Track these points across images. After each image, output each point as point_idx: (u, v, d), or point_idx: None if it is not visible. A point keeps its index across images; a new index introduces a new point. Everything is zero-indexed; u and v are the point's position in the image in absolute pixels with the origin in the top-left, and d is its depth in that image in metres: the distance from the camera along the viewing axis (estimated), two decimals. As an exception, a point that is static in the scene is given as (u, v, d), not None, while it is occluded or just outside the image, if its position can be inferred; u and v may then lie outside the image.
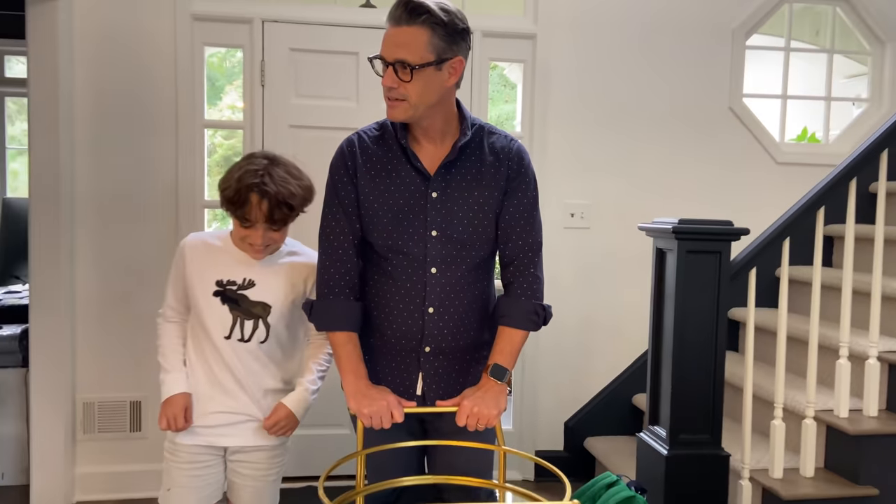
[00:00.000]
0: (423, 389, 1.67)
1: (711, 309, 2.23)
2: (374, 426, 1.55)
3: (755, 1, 3.28)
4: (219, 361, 1.78)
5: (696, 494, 2.21)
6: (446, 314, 1.64)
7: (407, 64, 1.49)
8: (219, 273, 1.77)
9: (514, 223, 1.65)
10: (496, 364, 1.60)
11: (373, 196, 1.62)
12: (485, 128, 1.68)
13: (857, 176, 2.34)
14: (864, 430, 2.30)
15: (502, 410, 1.59)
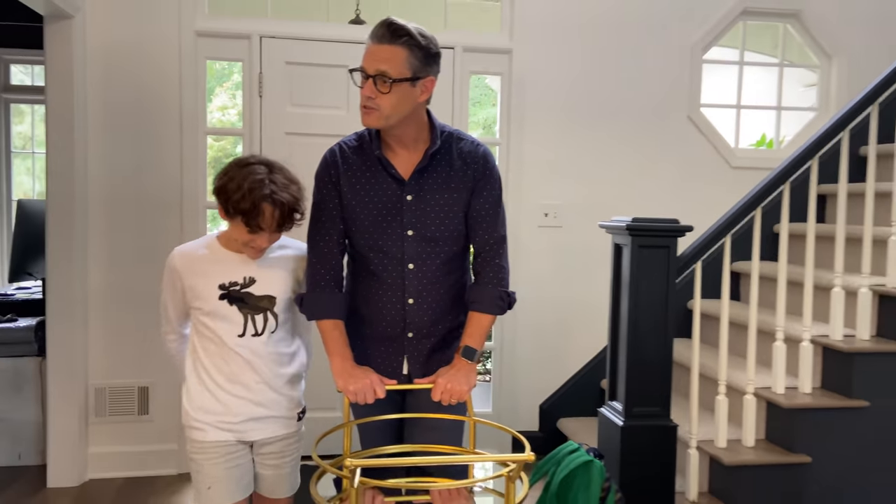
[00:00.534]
0: (408, 370, 1.85)
1: (661, 297, 2.52)
2: (358, 401, 1.75)
3: (711, 19, 3.59)
4: (236, 360, 1.80)
5: (648, 460, 2.50)
6: (425, 304, 1.82)
7: (387, 77, 1.64)
8: (218, 278, 1.79)
9: (480, 219, 1.81)
10: (467, 346, 1.79)
11: (354, 201, 1.79)
12: (454, 134, 1.84)
13: (790, 180, 2.63)
14: (799, 405, 2.60)
15: (472, 386, 1.77)
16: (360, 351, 1.86)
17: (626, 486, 2.49)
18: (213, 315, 1.79)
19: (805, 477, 2.59)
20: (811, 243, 2.68)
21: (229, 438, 1.82)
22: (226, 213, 1.73)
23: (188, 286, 1.80)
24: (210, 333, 1.80)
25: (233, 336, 1.79)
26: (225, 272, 1.79)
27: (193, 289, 1.79)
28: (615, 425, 2.54)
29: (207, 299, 1.78)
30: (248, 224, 1.71)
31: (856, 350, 2.61)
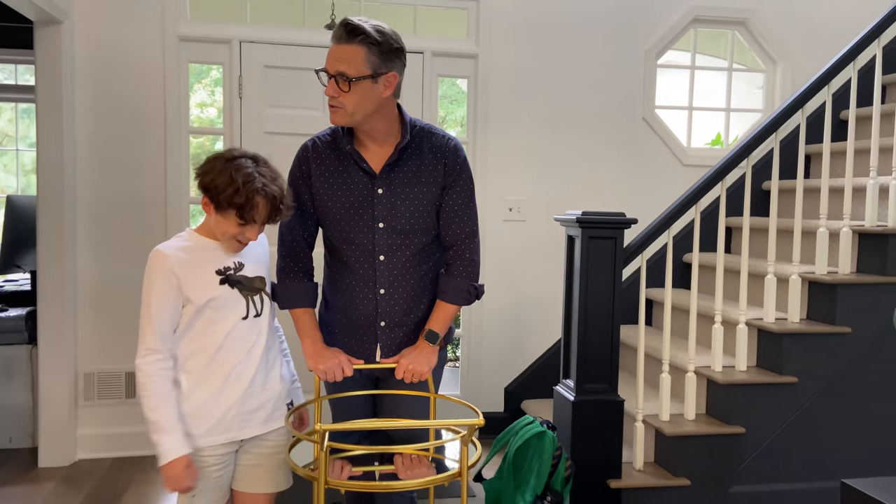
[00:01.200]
0: (380, 357, 1.92)
1: (609, 283, 2.77)
2: (328, 379, 1.85)
3: (664, 26, 3.84)
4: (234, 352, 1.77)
5: (597, 432, 2.75)
6: (396, 294, 1.88)
7: (346, 76, 1.69)
8: (213, 265, 1.77)
9: (452, 213, 1.86)
10: (430, 329, 1.88)
11: (327, 195, 1.84)
12: (425, 129, 1.87)
13: (724, 179, 2.90)
14: (734, 381, 2.86)
15: (432, 366, 1.88)
16: (335, 338, 1.95)
17: (577, 456, 2.74)
18: (212, 305, 1.74)
19: (739, 445, 2.86)
20: (746, 237, 2.94)
21: (222, 441, 1.77)
22: (217, 207, 1.71)
23: (185, 281, 1.73)
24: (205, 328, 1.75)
25: (236, 320, 1.77)
26: (217, 259, 1.78)
27: (192, 282, 1.74)
28: (567, 400, 2.78)
29: (207, 288, 1.74)
30: (243, 217, 1.70)
31: (786, 331, 2.87)
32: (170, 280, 1.72)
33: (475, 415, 1.61)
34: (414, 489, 1.69)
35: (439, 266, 1.96)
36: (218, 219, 1.74)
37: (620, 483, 2.77)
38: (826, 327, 2.88)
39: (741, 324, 2.95)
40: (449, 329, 1.97)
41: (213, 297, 1.75)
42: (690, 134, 4.00)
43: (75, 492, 3.06)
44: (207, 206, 1.74)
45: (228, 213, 1.71)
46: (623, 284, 3.65)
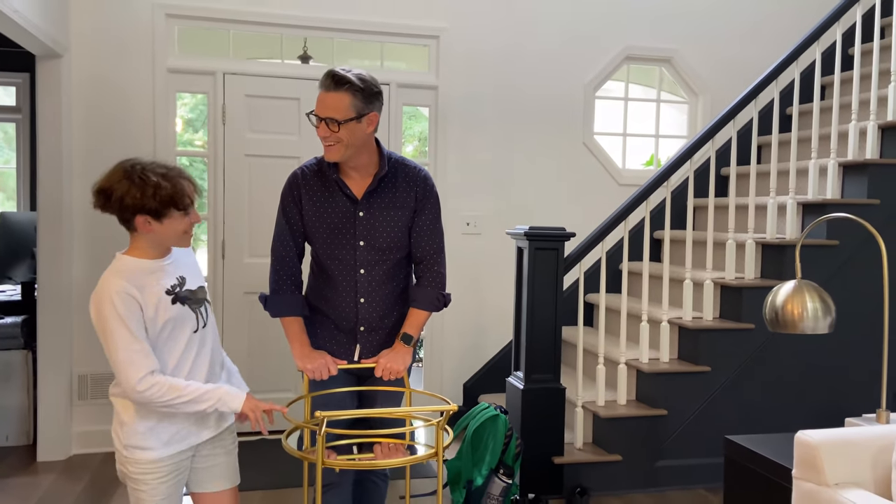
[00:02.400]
0: (359, 356, 2.17)
1: (552, 288, 3.24)
2: (315, 378, 2.09)
3: (602, 62, 4.37)
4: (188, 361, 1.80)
5: (543, 415, 3.21)
6: (374, 302, 2.13)
7: (335, 120, 1.95)
8: (161, 286, 1.76)
9: (422, 232, 2.13)
10: (405, 332, 2.15)
11: (315, 216, 2.09)
12: (399, 161, 2.13)
13: (648, 198, 3.41)
14: (659, 370, 3.36)
15: (407, 365, 2.13)
16: (319, 340, 2.18)
17: (526, 436, 3.19)
18: (168, 326, 1.76)
19: (663, 425, 3.35)
20: (667, 248, 3.46)
21: (181, 448, 1.80)
22: (156, 216, 1.71)
23: (144, 305, 1.72)
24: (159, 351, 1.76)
25: (189, 333, 1.80)
26: (160, 283, 1.77)
27: (148, 306, 1.73)
28: (517, 389, 3.24)
29: (163, 309, 1.74)
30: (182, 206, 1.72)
31: (701, 328, 3.39)
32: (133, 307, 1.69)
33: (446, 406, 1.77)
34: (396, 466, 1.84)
35: (409, 279, 2.23)
36: (162, 226, 1.73)
37: (563, 459, 3.23)
38: (734, 324, 3.41)
39: (664, 322, 3.46)
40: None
41: (170, 318, 1.75)
42: (625, 157, 4.53)
43: (74, 482, 3.37)
44: (146, 224, 1.72)
45: (169, 211, 1.71)
46: (566, 291, 4.15)
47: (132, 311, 1.69)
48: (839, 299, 3.47)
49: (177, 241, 1.80)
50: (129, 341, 1.68)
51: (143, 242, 1.77)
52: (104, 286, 1.70)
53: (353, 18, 4.01)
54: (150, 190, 1.68)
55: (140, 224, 1.72)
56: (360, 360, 2.15)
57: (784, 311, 2.08)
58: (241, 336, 3.95)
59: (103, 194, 1.70)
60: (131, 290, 1.69)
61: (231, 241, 3.94)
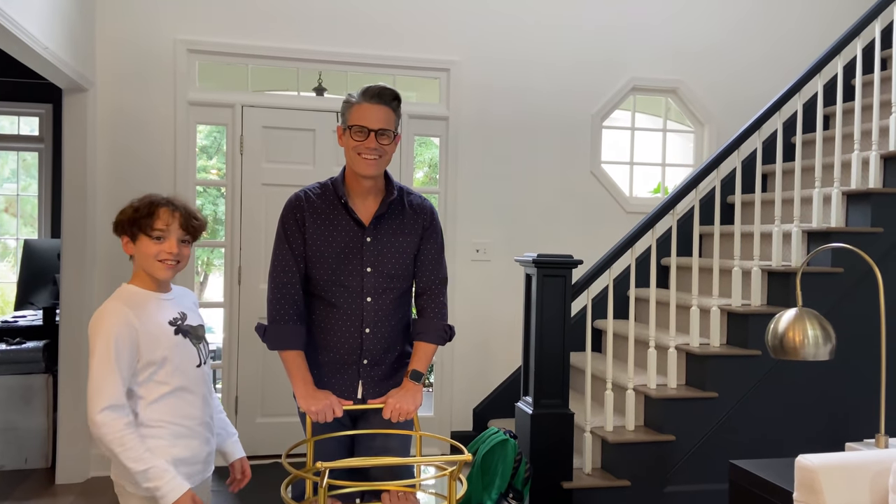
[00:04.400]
0: (362, 393, 2.05)
1: (560, 314, 3.31)
2: (319, 420, 1.92)
3: (607, 94, 4.48)
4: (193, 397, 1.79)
5: (551, 440, 3.26)
6: (380, 333, 2.02)
7: (390, 132, 1.96)
8: (164, 316, 1.77)
9: (427, 262, 2.08)
10: (414, 369, 2.02)
11: (320, 241, 1.99)
12: (404, 189, 2.10)
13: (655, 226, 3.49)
14: (666, 396, 3.41)
15: (418, 405, 1.98)
16: (318, 376, 2.04)
17: (535, 461, 3.24)
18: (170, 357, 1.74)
19: (671, 451, 3.39)
20: (674, 275, 3.54)
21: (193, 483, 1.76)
22: (131, 237, 1.76)
23: (144, 333, 1.70)
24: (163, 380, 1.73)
25: (192, 368, 1.79)
26: (162, 313, 1.78)
27: (150, 334, 1.71)
28: (526, 414, 3.30)
29: (165, 339, 1.74)
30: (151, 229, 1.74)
31: (708, 354, 3.44)
32: (130, 332, 1.67)
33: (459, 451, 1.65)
34: None
35: (410, 313, 2.15)
36: (138, 248, 1.77)
37: (572, 484, 3.27)
38: (741, 350, 3.45)
39: (671, 348, 3.51)
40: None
41: (172, 347, 1.74)
42: (632, 185, 4.62)
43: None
44: (128, 246, 1.79)
45: (141, 235, 1.76)
46: (574, 317, 4.21)
47: (124, 342, 1.66)
48: (843, 325, 3.51)
49: (150, 265, 1.77)
50: (107, 369, 1.63)
51: (137, 272, 1.81)
52: (105, 309, 1.70)
53: (366, 52, 4.15)
54: (128, 212, 1.78)
55: (123, 244, 1.80)
56: (367, 400, 2.02)
57: (786, 339, 2.14)
58: (255, 361, 4.04)
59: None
60: (132, 318, 1.69)
61: (247, 267, 4.04)
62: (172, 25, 3.90)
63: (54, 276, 4.43)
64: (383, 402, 1.97)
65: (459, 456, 1.56)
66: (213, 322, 8.57)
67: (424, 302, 2.10)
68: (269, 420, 4.06)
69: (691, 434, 3.41)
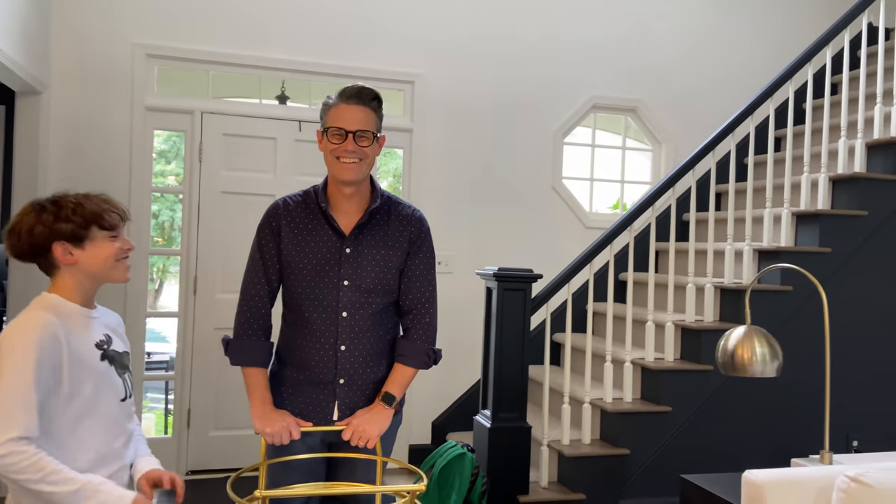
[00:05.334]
0: (338, 416, 1.91)
1: (519, 328, 3.33)
2: (275, 443, 1.80)
3: (568, 111, 4.55)
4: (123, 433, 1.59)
5: (509, 455, 3.27)
6: (356, 351, 1.89)
7: (370, 134, 1.82)
8: (90, 338, 1.52)
9: (414, 278, 1.93)
10: (387, 392, 1.89)
11: (295, 251, 1.88)
12: (391, 198, 1.96)
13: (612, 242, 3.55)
14: (622, 410, 3.45)
15: (382, 432, 1.84)
16: (291, 396, 1.93)
17: (492, 474, 3.25)
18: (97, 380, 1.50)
19: (625, 464, 3.44)
20: (630, 290, 3.60)
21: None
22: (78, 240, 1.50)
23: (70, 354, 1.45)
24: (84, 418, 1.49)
25: (115, 402, 1.55)
26: (89, 333, 1.53)
27: (76, 356, 1.46)
28: (485, 427, 3.31)
29: (90, 363, 1.49)
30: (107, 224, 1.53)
31: (663, 368, 3.50)
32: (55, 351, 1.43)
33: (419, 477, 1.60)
34: None
35: (396, 331, 2.01)
36: (86, 252, 1.52)
37: (528, 498, 3.28)
38: (694, 365, 3.52)
39: (627, 362, 3.56)
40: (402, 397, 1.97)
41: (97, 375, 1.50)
42: (592, 201, 4.69)
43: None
44: (67, 254, 1.50)
45: (93, 234, 1.51)
46: (534, 330, 4.25)
47: (46, 359, 1.40)
48: (792, 342, 3.61)
49: (107, 270, 1.54)
50: (17, 394, 1.36)
51: (67, 280, 1.51)
52: (29, 320, 1.42)
53: (330, 62, 4.14)
54: (65, 212, 1.48)
55: (60, 255, 1.48)
56: (335, 423, 1.90)
57: (735, 356, 2.19)
58: (209, 372, 3.96)
59: (13, 234, 1.47)
60: (60, 333, 1.43)
61: (203, 276, 3.97)
62: (131, 29, 3.83)
63: (2, 283, 4.28)
64: (347, 423, 1.86)
65: (414, 486, 1.49)
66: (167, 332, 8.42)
67: (409, 322, 1.96)
68: (223, 433, 3.98)
69: (645, 448, 3.46)
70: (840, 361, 3.68)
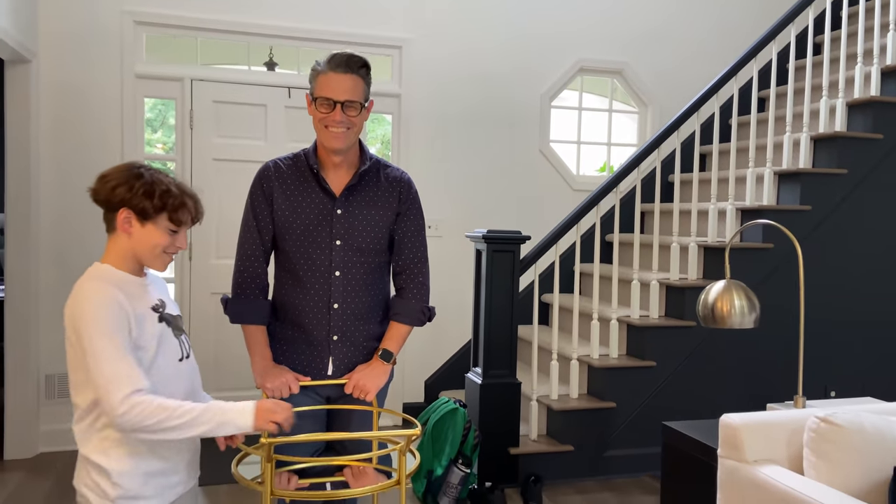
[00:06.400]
0: (332, 371, 1.98)
1: (509, 288, 3.43)
2: (275, 396, 1.87)
3: (556, 74, 4.59)
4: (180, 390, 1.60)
5: (499, 409, 3.40)
6: (349, 309, 1.95)
7: (355, 103, 1.84)
8: (147, 300, 1.59)
9: (405, 239, 2.00)
10: (385, 349, 1.98)
11: (288, 212, 1.93)
12: (380, 161, 2.02)
13: (599, 204, 3.63)
14: (608, 365, 3.58)
15: (380, 386, 1.94)
16: (286, 353, 1.99)
17: (483, 428, 3.38)
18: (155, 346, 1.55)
19: (612, 417, 3.58)
20: (616, 250, 3.69)
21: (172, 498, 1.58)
22: (143, 217, 1.54)
23: (133, 317, 1.52)
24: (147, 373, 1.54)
25: (175, 362, 1.60)
26: (145, 296, 1.59)
27: (138, 318, 1.53)
28: (476, 384, 3.42)
29: (150, 326, 1.55)
30: (177, 220, 1.56)
31: (648, 325, 3.62)
32: (122, 314, 1.49)
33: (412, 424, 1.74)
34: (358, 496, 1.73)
35: (387, 290, 2.08)
36: (143, 230, 1.55)
37: (518, 450, 3.42)
38: (678, 322, 3.65)
39: (613, 320, 3.68)
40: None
41: (156, 337, 1.56)
42: (579, 163, 4.76)
43: (42, 479, 3.43)
44: (127, 223, 1.54)
45: (159, 220, 1.55)
46: (523, 291, 4.35)
47: (121, 323, 1.47)
48: (773, 297, 3.74)
49: (151, 257, 1.58)
50: (115, 356, 1.44)
51: (118, 252, 1.57)
52: (89, 293, 1.47)
53: (318, 28, 4.14)
54: (154, 189, 1.52)
55: (120, 221, 1.54)
56: (329, 377, 1.98)
57: (715, 308, 2.30)
58: (207, 336, 4.05)
59: (102, 180, 1.55)
60: (121, 298, 1.49)
61: (198, 242, 4.03)
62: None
63: (-4, 252, 4.32)
64: (348, 378, 1.95)
65: (409, 430, 1.59)
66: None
67: (403, 281, 2.03)
68: (222, 395, 4.09)
69: (631, 401, 3.60)
70: (820, 316, 3.82)
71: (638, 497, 3.37)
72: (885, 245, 3.90)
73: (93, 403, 1.49)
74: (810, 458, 1.84)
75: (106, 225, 1.58)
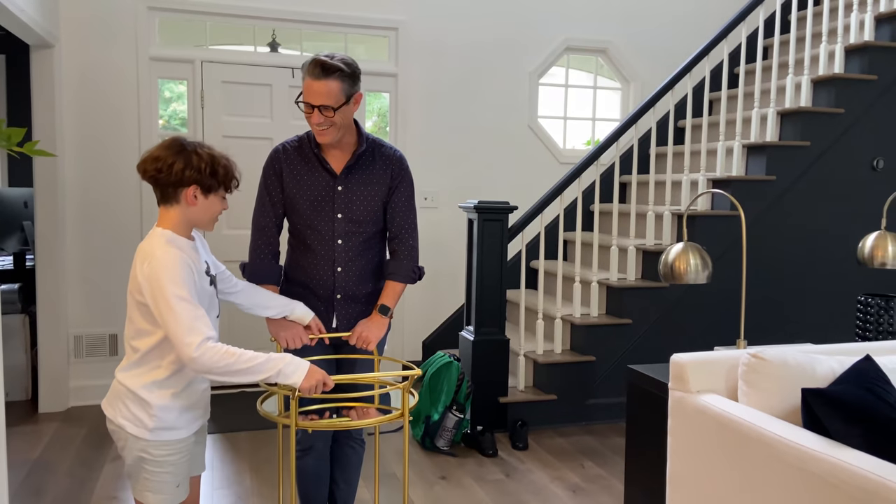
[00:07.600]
0: (336, 324, 2.27)
1: (498, 254, 3.77)
2: (289, 346, 2.14)
3: (544, 52, 4.87)
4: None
5: (490, 363, 3.76)
6: (350, 271, 2.24)
7: (330, 108, 2.05)
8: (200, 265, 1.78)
9: (397, 208, 2.25)
10: (383, 304, 2.24)
11: (295, 189, 2.20)
12: (376, 141, 2.26)
13: (581, 176, 3.95)
14: (589, 323, 3.93)
15: (380, 337, 2.23)
16: None
17: (476, 380, 3.74)
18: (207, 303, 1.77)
19: (592, 369, 3.94)
20: (597, 219, 4.03)
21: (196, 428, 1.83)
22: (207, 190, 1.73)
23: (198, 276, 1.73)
24: None
25: (214, 318, 1.82)
26: (198, 257, 1.79)
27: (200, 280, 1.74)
28: (469, 340, 3.78)
29: (206, 287, 1.77)
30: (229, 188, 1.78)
31: (625, 286, 3.97)
32: (192, 274, 1.70)
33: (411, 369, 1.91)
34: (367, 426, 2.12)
35: (384, 255, 2.35)
36: (207, 202, 1.75)
37: (507, 399, 3.79)
38: (653, 283, 3.99)
39: (594, 283, 4.02)
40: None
41: (207, 297, 1.77)
42: (566, 138, 5.07)
43: (77, 429, 3.79)
44: (193, 197, 1.73)
45: (218, 192, 1.76)
46: (512, 259, 4.69)
47: (191, 281, 1.69)
48: (737, 260, 4.09)
49: (208, 221, 1.79)
50: (190, 309, 1.65)
51: (175, 220, 1.75)
52: (164, 255, 1.67)
53: (318, 11, 4.42)
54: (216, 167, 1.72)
55: (187, 197, 1.72)
56: (335, 330, 2.25)
57: (673, 266, 2.64)
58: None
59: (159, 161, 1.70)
60: (188, 260, 1.70)
61: (211, 214, 4.35)
62: (132, -17, 4.09)
63: (22, 223, 4.64)
64: (353, 331, 2.21)
65: (410, 371, 1.82)
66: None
67: (396, 245, 2.27)
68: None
69: (609, 355, 3.97)
70: (782, 275, 4.17)
71: (614, 439, 3.75)
72: (843, 211, 4.24)
73: (152, 348, 1.72)
74: (743, 388, 2.19)
75: (163, 198, 1.75)
